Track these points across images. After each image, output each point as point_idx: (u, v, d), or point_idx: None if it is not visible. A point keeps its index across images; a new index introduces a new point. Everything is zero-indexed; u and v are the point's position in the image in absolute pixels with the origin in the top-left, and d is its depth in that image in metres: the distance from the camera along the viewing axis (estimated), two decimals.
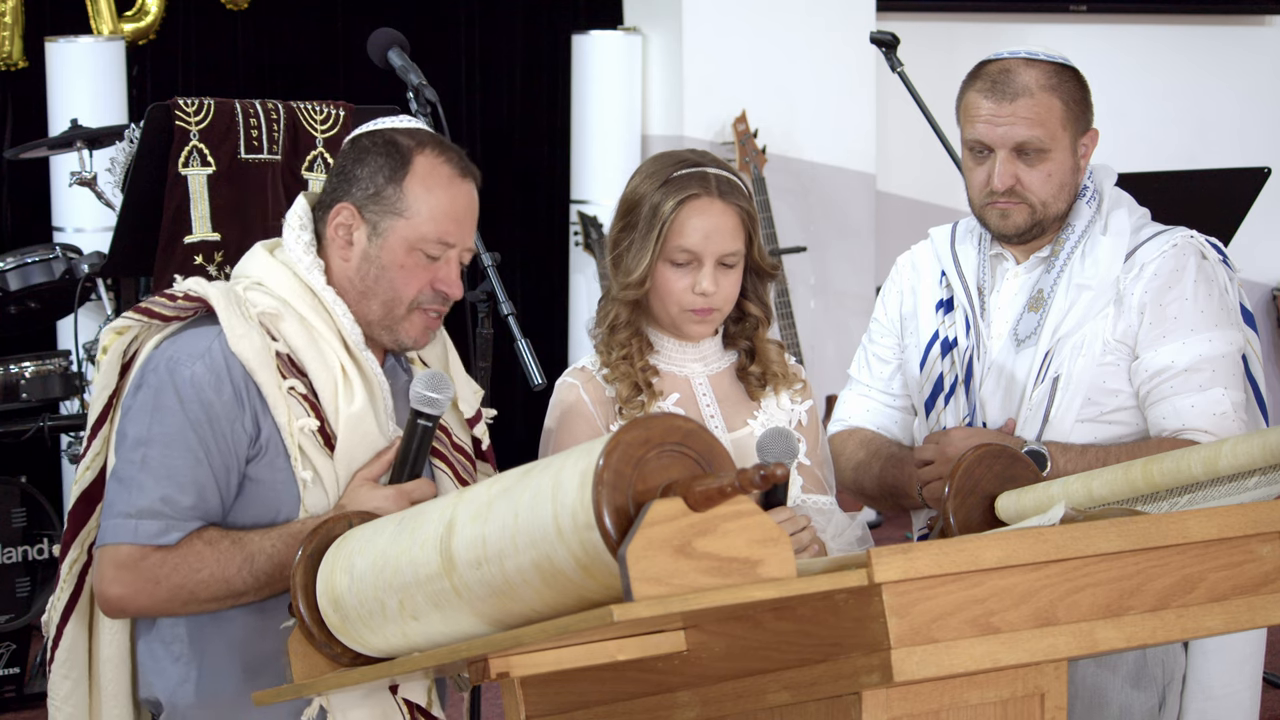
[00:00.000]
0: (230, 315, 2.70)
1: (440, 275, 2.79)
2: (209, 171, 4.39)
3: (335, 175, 2.82)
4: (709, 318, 3.02)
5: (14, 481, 5.11)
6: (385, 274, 2.77)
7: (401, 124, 2.84)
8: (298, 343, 2.74)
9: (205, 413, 2.67)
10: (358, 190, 2.77)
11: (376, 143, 2.79)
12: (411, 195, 2.76)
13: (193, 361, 2.68)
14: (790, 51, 7.17)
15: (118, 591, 2.66)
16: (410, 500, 2.70)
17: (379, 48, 3.73)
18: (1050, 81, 3.15)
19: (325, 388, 2.74)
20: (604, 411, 3.03)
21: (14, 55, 6.36)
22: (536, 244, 7.33)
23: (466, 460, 2.90)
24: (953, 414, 3.26)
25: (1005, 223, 3.20)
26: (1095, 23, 7.94)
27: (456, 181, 2.79)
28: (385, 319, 2.79)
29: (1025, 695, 2.26)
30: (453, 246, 2.79)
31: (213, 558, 2.66)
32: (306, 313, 2.76)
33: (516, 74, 7.32)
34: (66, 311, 5.33)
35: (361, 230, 2.77)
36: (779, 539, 2.12)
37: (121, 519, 2.66)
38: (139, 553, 2.65)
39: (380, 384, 2.80)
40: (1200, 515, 2.30)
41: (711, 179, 2.99)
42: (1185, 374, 3.13)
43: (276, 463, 2.71)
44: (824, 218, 7.27)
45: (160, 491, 2.65)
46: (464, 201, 2.80)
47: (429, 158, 2.78)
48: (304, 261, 2.78)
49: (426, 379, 2.71)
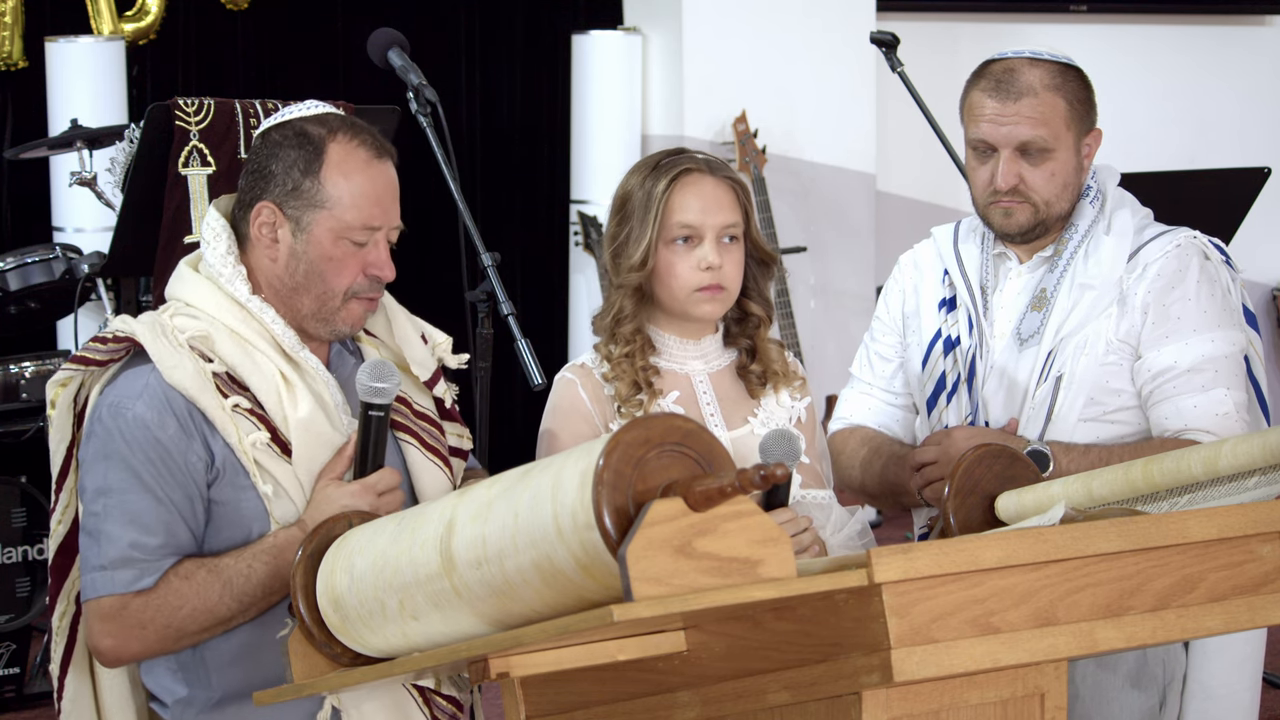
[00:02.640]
0: (159, 347, 2.68)
1: (370, 259, 2.76)
2: (209, 171, 4.39)
3: (251, 174, 2.79)
4: (719, 296, 3.01)
5: (14, 481, 5.10)
6: (315, 268, 2.75)
7: (309, 111, 2.81)
8: (233, 359, 2.72)
9: (155, 450, 2.65)
10: (275, 187, 2.75)
11: (287, 136, 2.76)
12: (330, 185, 2.73)
13: (132, 402, 2.67)
14: (790, 52, 7.17)
15: (109, 643, 2.67)
16: (376, 493, 2.69)
17: (379, 48, 3.72)
18: (1054, 81, 3.15)
19: (269, 397, 2.72)
20: (601, 409, 3.03)
21: (14, 55, 6.36)
22: (536, 244, 7.33)
23: (431, 425, 2.87)
24: (955, 413, 3.26)
25: (1008, 222, 3.20)
26: (1096, 23, 7.94)
27: (373, 164, 2.76)
28: (320, 312, 2.77)
29: (1025, 695, 2.26)
30: (379, 229, 2.76)
31: (191, 591, 2.65)
32: (236, 325, 2.73)
33: (516, 74, 7.32)
34: (66, 311, 5.32)
35: (285, 227, 2.75)
36: (779, 539, 2.12)
37: (97, 572, 2.66)
38: (120, 602, 2.65)
39: (327, 381, 2.78)
40: (1200, 515, 2.30)
41: (699, 157, 3.02)
42: (1188, 374, 3.13)
43: (237, 481, 2.69)
44: (824, 218, 7.27)
45: (128, 538, 2.64)
46: (383, 181, 2.77)
47: (342, 144, 2.75)
48: (224, 274, 2.76)
49: (370, 369, 2.70)
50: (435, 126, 3.55)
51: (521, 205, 7.29)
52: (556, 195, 7.31)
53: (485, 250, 3.46)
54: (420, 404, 2.89)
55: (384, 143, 2.80)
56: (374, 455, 2.72)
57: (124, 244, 4.57)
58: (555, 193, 7.31)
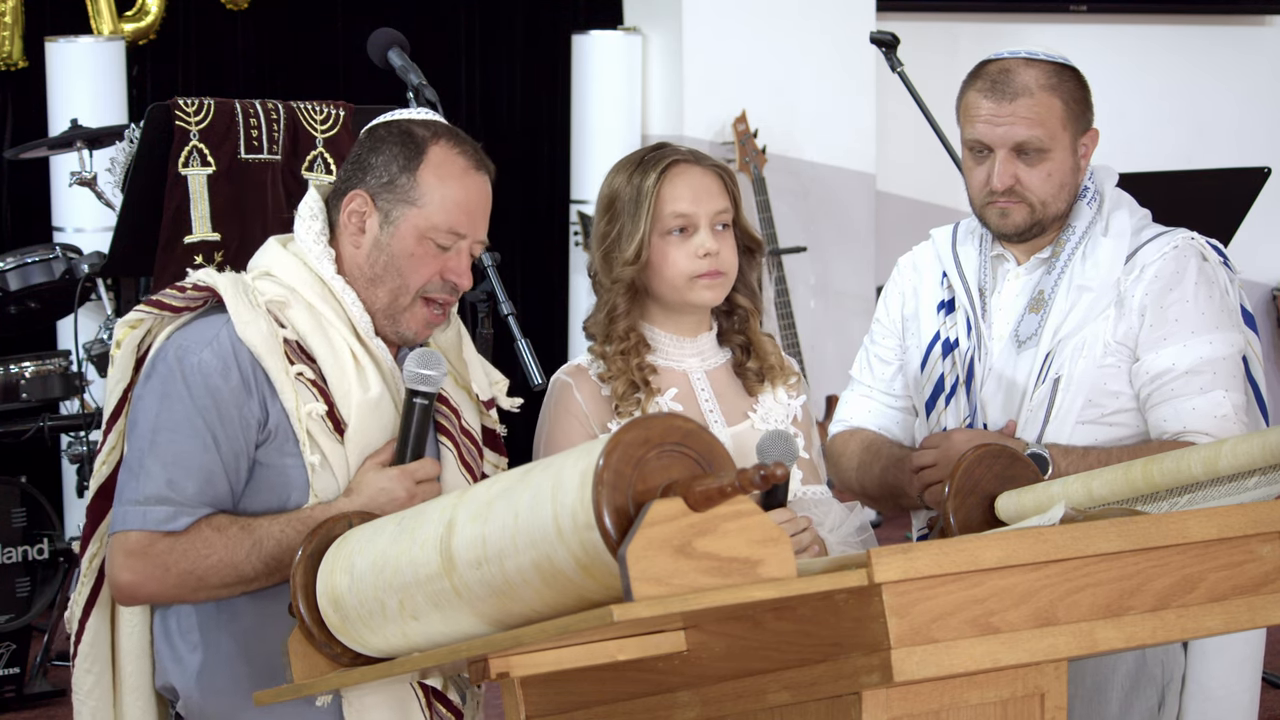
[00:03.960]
0: (237, 302, 2.72)
1: (450, 265, 2.80)
2: (209, 171, 4.39)
3: (350, 164, 2.84)
4: (718, 280, 3.02)
5: (14, 481, 5.10)
6: (395, 261, 2.79)
7: (419, 115, 2.86)
8: (305, 329, 2.75)
9: (212, 399, 2.68)
10: (371, 178, 2.79)
11: (392, 132, 2.81)
12: (424, 184, 2.78)
13: (200, 349, 2.70)
14: (790, 51, 7.17)
15: (128, 578, 2.68)
16: (415, 479, 2.73)
17: (379, 48, 3.73)
18: (1050, 81, 3.15)
19: (334, 374, 2.75)
20: (597, 410, 3.03)
21: (14, 55, 6.36)
22: (536, 244, 7.33)
23: (472, 445, 2.90)
24: (953, 415, 3.26)
25: (1005, 222, 3.20)
26: (1095, 23, 7.94)
27: (470, 173, 2.81)
28: (391, 307, 2.80)
29: (1025, 695, 2.27)
30: (464, 237, 2.81)
31: (221, 543, 2.67)
32: (315, 300, 2.77)
33: (516, 74, 7.32)
34: (66, 311, 5.32)
35: (374, 218, 2.79)
36: (779, 539, 2.12)
37: (130, 506, 2.68)
38: (147, 539, 2.66)
39: (391, 370, 2.82)
40: (1200, 515, 2.30)
41: (684, 150, 3.05)
42: (1186, 376, 3.13)
43: (285, 447, 2.72)
44: (824, 218, 7.27)
45: (167, 476, 2.67)
46: (477, 194, 2.82)
47: (444, 148, 2.80)
48: (314, 251, 2.80)
49: (418, 357, 2.74)
50: None
51: (521, 205, 7.29)
52: (556, 195, 7.31)
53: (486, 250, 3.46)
54: (469, 421, 2.92)
55: (485, 158, 2.85)
56: (416, 441, 2.76)
57: (124, 244, 4.57)
58: (555, 193, 7.31)
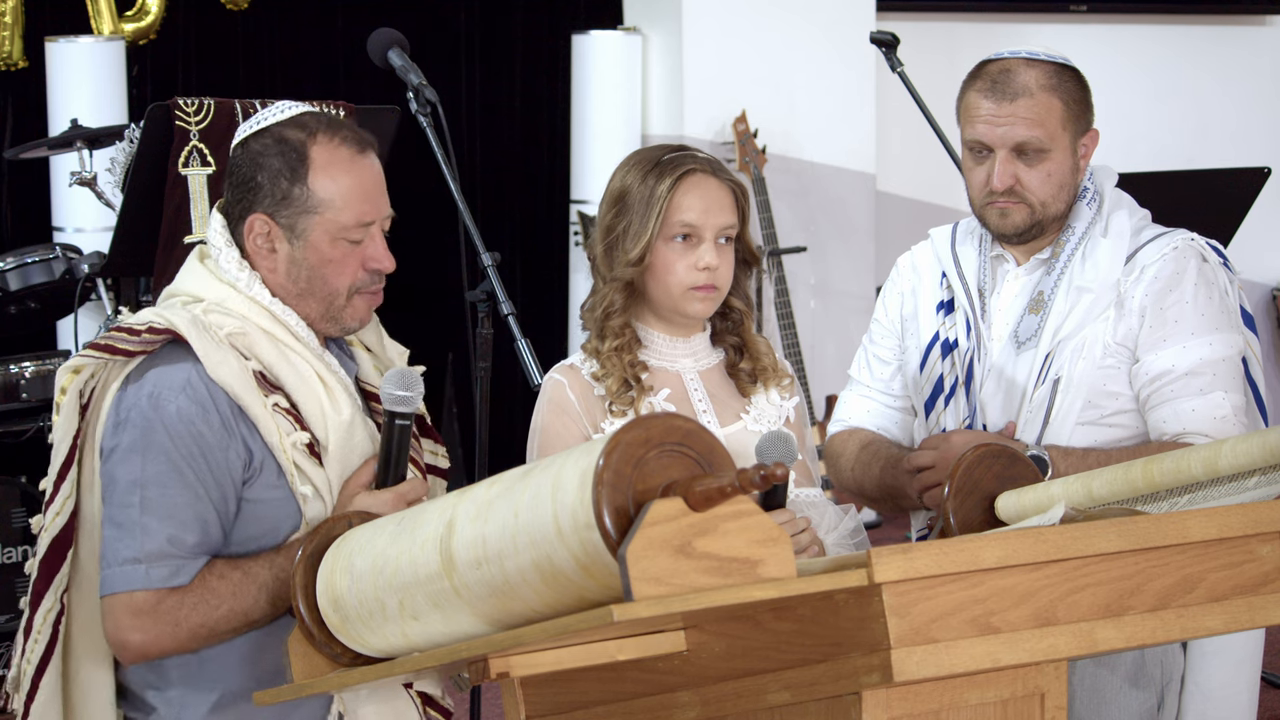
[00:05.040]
0: (204, 343, 2.67)
1: (369, 254, 2.77)
2: (209, 171, 4.39)
3: (236, 186, 2.77)
4: (711, 295, 3.02)
5: (14, 481, 5.11)
6: (316, 271, 2.75)
7: (283, 115, 2.79)
8: (270, 359, 2.72)
9: (197, 445, 2.64)
10: (265, 198, 2.74)
11: (267, 144, 2.75)
12: (319, 189, 2.73)
13: (175, 395, 2.65)
14: (790, 52, 7.17)
15: (139, 638, 2.64)
16: (407, 501, 2.70)
17: (379, 48, 3.73)
18: (1050, 81, 3.15)
19: (306, 399, 2.72)
20: (590, 409, 3.03)
21: (14, 55, 6.35)
22: (536, 244, 7.33)
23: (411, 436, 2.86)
24: (953, 415, 3.26)
25: (1004, 222, 3.20)
26: (1095, 23, 7.94)
27: (357, 160, 2.76)
28: (327, 312, 2.78)
29: (1025, 695, 2.27)
30: (372, 223, 2.77)
31: (228, 592, 2.65)
32: (268, 327, 2.74)
33: (516, 74, 7.32)
34: (66, 311, 5.33)
35: (281, 237, 2.74)
36: (779, 539, 2.12)
37: (130, 565, 2.63)
38: (155, 597, 2.63)
39: (347, 386, 2.79)
40: (1200, 515, 2.30)
41: (702, 158, 3.03)
42: (1186, 378, 3.13)
43: (271, 480, 2.70)
44: (824, 218, 7.27)
45: (166, 532, 2.63)
46: (370, 176, 2.77)
47: (324, 145, 2.74)
48: (242, 279, 2.75)
49: (396, 378, 2.70)
50: (435, 126, 3.55)
51: (521, 205, 7.29)
52: (556, 195, 7.31)
53: (485, 250, 3.46)
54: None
55: (363, 135, 2.79)
56: (398, 464, 2.73)
57: (124, 244, 4.57)
58: (555, 193, 7.31)
